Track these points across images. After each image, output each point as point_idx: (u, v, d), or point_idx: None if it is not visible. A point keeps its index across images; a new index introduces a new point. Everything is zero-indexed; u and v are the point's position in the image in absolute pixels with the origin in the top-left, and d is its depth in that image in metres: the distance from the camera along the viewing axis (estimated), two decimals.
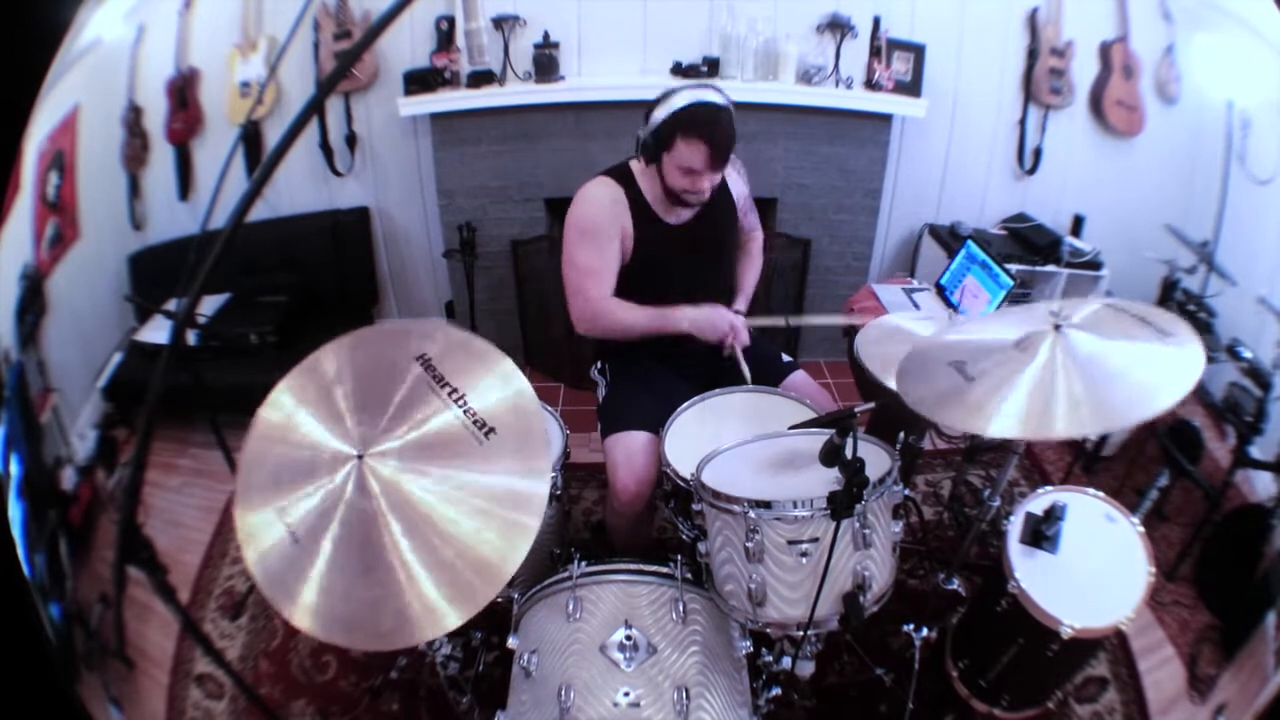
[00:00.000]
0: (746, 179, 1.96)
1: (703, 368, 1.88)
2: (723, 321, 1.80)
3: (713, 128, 1.60)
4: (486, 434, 1.13)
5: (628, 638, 1.31)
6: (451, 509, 1.08)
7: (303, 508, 1.10)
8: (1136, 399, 1.22)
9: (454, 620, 1.02)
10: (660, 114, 1.63)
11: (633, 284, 1.80)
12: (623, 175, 1.78)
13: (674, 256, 1.80)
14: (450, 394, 1.16)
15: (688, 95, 1.62)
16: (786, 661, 1.47)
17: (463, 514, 1.07)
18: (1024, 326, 1.39)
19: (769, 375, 1.86)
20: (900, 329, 1.94)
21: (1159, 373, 1.25)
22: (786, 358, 1.95)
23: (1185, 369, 1.24)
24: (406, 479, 1.10)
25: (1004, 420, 1.24)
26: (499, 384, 1.19)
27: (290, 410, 1.19)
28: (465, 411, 1.15)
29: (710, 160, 1.62)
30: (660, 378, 1.84)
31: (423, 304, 3.21)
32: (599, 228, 1.73)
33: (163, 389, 0.91)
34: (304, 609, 1.05)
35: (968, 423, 1.28)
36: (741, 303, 1.94)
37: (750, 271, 2.01)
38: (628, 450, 1.71)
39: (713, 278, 1.89)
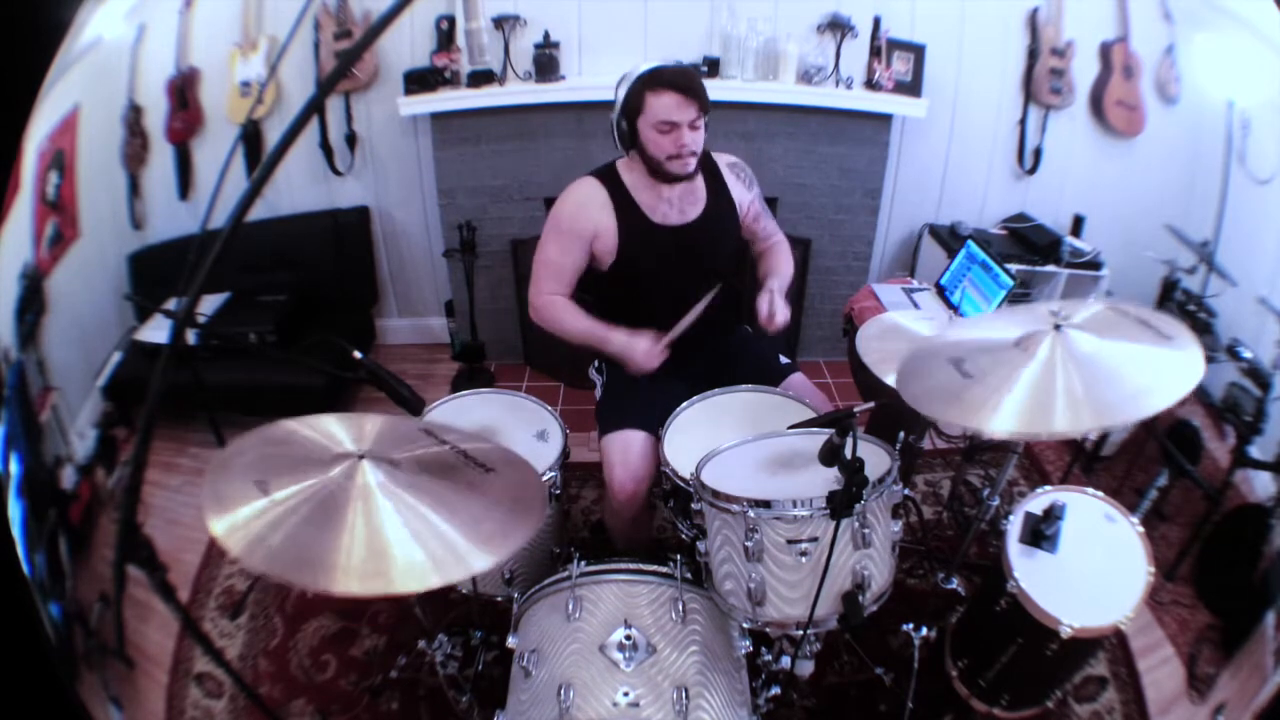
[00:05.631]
0: (751, 184, 1.89)
1: (700, 368, 1.88)
2: (645, 360, 1.74)
3: (676, 74, 1.60)
4: (486, 471, 1.19)
5: (627, 637, 1.31)
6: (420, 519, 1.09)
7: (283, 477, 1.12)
8: (1134, 398, 1.22)
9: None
10: (623, 90, 1.65)
11: (616, 284, 1.79)
12: (608, 174, 1.76)
13: (662, 258, 1.76)
14: (453, 448, 1.24)
15: (644, 65, 1.64)
16: (786, 661, 1.47)
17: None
18: (1024, 326, 1.38)
19: (767, 377, 1.85)
20: (899, 326, 1.94)
21: (1158, 374, 1.24)
22: (785, 359, 1.94)
23: (1184, 372, 1.23)
24: (396, 479, 1.12)
25: (1003, 417, 1.23)
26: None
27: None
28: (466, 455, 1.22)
29: (682, 104, 1.59)
30: (657, 377, 1.83)
31: (423, 303, 3.21)
32: (568, 226, 1.74)
33: (163, 388, 0.91)
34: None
35: (966, 418, 1.26)
36: (776, 283, 1.82)
37: (782, 259, 1.91)
38: (624, 449, 1.71)
39: (707, 285, 1.78)
